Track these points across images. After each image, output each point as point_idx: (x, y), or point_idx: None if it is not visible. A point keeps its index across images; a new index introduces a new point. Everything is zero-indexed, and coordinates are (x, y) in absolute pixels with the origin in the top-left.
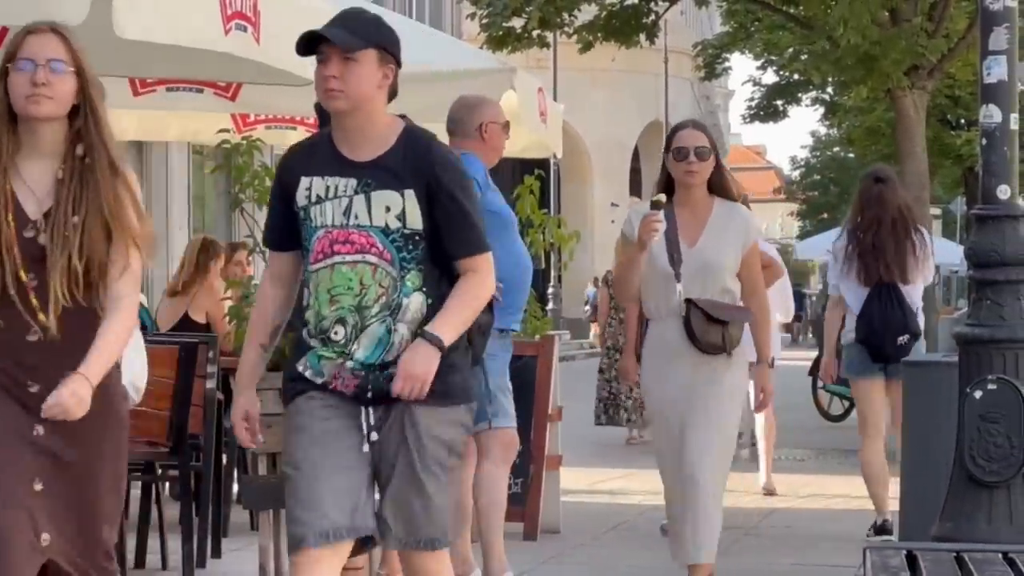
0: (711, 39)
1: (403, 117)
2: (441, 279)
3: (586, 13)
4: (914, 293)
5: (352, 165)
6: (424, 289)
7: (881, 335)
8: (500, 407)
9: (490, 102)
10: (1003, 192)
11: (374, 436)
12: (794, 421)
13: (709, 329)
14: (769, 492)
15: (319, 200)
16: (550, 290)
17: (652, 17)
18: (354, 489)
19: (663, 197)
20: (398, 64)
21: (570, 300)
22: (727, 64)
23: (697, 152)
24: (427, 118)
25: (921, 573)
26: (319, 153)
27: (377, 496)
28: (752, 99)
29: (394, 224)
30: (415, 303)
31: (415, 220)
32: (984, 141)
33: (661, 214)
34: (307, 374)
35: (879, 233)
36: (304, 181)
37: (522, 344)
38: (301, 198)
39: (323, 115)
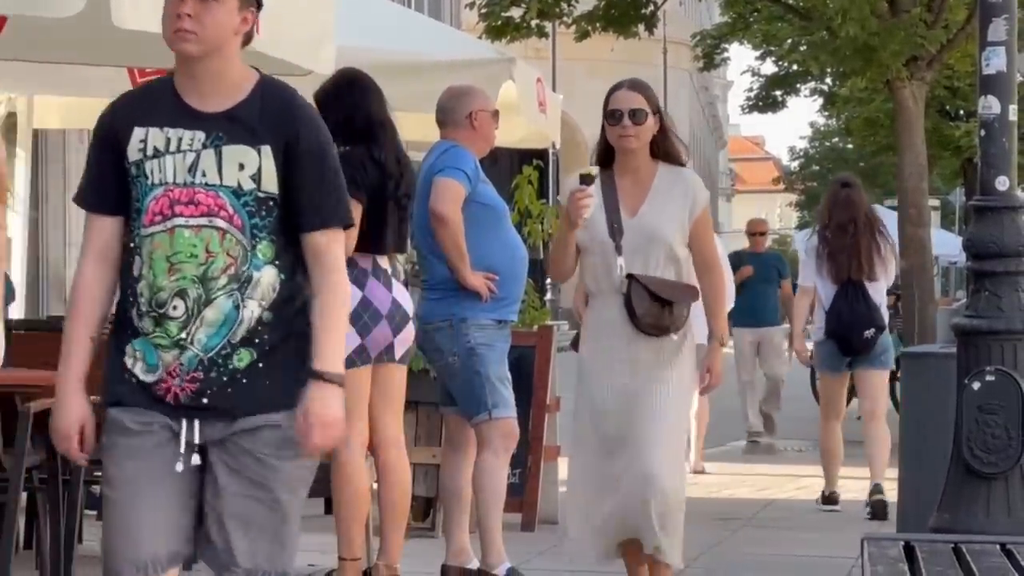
0: (710, 29)
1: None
2: (295, 253)
3: (585, 3)
4: (878, 291)
5: (200, 116)
6: (277, 263)
7: (849, 329)
8: (500, 397)
9: (478, 91)
10: (1002, 183)
11: (195, 459)
12: (793, 412)
13: (651, 308)
14: (698, 472)
15: (157, 154)
16: (548, 280)
17: (651, 7)
18: (176, 512)
19: (593, 170)
20: (259, 6)
21: (568, 290)
22: (726, 55)
23: (632, 115)
24: (425, 108)
25: (919, 564)
26: (158, 101)
27: (213, 522)
28: (751, 90)
29: (248, 185)
30: (267, 277)
31: (271, 182)
32: (983, 132)
33: (591, 189)
34: (137, 369)
35: (855, 234)
36: (138, 132)
37: (520, 334)
38: (134, 151)
39: (323, 106)
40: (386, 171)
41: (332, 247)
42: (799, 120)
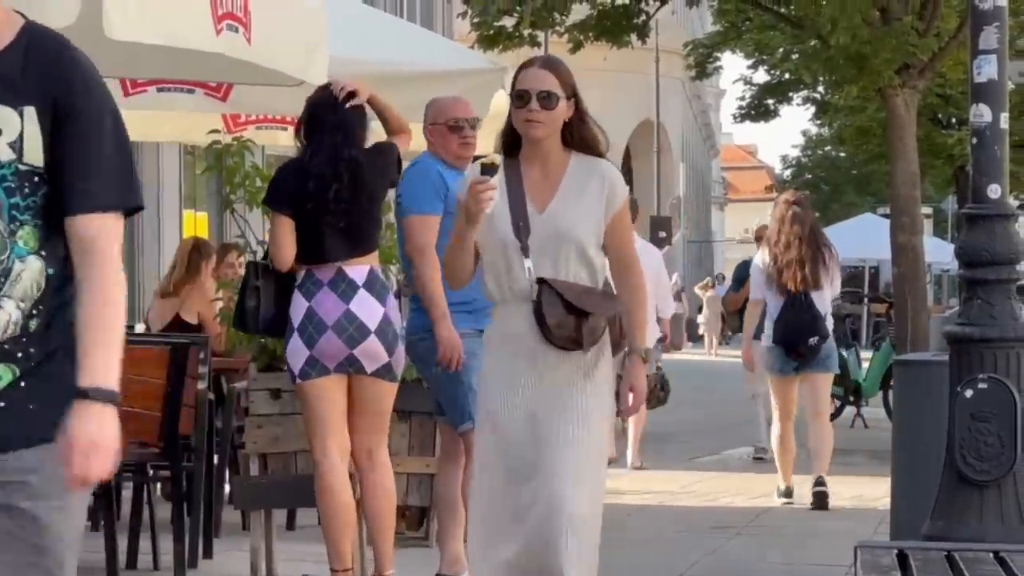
0: (702, 38)
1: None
2: (65, 242)
3: (577, 13)
4: (823, 300)
5: None
6: (43, 253)
7: (795, 337)
8: None
9: (439, 103)
10: (993, 191)
11: None
12: None
13: (565, 318)
14: (636, 468)
15: None
16: None
17: (643, 17)
18: None
19: (497, 158)
20: None
21: None
22: (718, 63)
23: (541, 98)
24: (417, 118)
25: (912, 572)
26: None
27: None
28: (743, 98)
29: (7, 155)
30: (31, 271)
31: (35, 151)
32: (974, 140)
33: (495, 180)
34: None
35: (801, 248)
36: None
37: None
38: None
39: (310, 120)
40: (313, 179)
41: (104, 235)
42: (792, 129)
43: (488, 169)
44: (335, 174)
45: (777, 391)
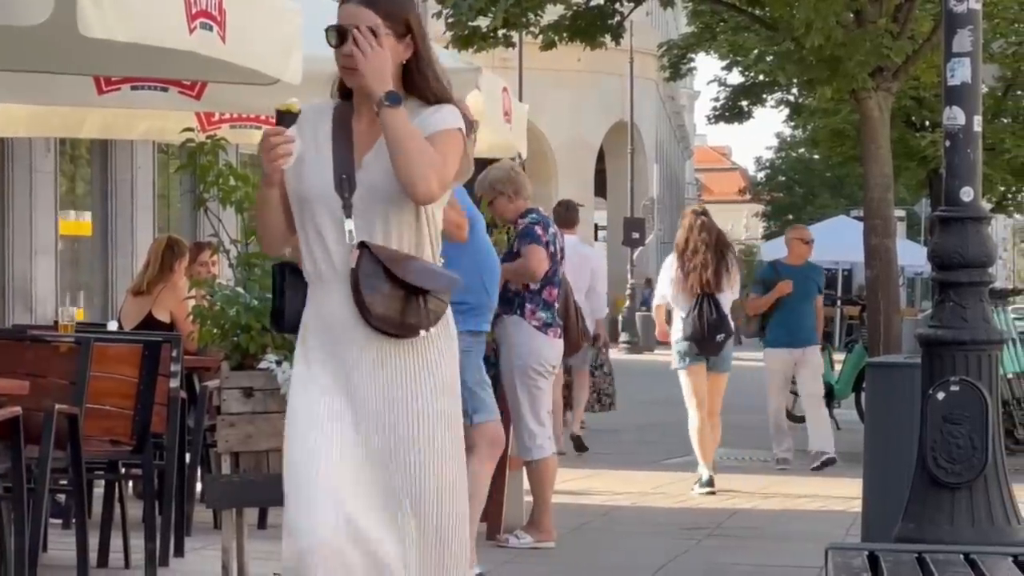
0: (676, 40)
1: None
2: None
3: (551, 13)
4: (726, 301)
5: None
6: None
7: (703, 334)
8: (480, 402)
9: None
10: (966, 194)
11: None
12: (758, 422)
13: (390, 295)
14: (576, 435)
15: None
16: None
17: (617, 18)
18: None
19: (295, 103)
20: None
21: None
22: (692, 65)
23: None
24: None
25: (883, 574)
26: None
27: None
28: (717, 100)
29: None
30: None
31: None
32: (947, 143)
33: (292, 131)
34: None
35: (706, 253)
36: None
37: (491, 344)
38: None
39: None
40: None
41: None
42: (765, 131)
43: (284, 117)
44: None
45: (692, 380)
